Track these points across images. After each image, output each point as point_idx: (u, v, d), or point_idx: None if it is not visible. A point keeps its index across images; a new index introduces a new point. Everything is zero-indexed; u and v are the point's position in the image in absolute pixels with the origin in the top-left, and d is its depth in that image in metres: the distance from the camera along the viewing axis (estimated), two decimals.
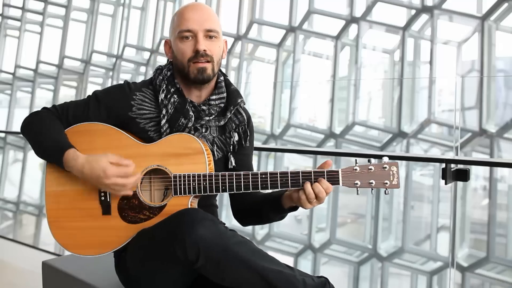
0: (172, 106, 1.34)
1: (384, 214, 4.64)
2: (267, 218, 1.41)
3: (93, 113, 1.36)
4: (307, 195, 1.22)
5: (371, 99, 5.40)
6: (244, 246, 1.17)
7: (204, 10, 1.36)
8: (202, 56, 1.32)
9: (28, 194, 5.53)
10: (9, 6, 5.90)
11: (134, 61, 5.52)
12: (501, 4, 3.95)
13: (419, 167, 4.97)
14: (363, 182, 1.24)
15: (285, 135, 5.00)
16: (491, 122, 4.15)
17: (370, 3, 4.61)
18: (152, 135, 1.35)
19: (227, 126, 1.42)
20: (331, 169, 1.25)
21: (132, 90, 1.38)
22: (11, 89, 5.83)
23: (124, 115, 1.36)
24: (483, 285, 4.22)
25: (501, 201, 4.30)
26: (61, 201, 1.33)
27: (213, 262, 1.13)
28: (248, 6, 5.09)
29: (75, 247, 1.32)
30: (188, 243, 1.11)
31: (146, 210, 1.28)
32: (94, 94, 1.40)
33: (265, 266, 1.15)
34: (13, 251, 3.36)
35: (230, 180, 1.25)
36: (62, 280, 1.53)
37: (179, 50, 1.35)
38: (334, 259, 4.78)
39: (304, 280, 1.17)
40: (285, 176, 1.24)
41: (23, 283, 2.76)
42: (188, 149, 1.28)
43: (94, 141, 1.32)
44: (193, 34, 1.33)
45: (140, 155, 1.29)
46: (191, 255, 1.12)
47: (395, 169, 1.24)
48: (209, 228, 1.14)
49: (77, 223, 1.31)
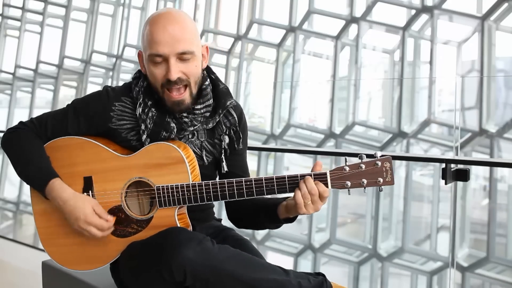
0: (151, 121, 1.26)
1: (384, 214, 4.64)
2: (262, 226, 1.37)
3: (71, 127, 1.30)
4: (303, 195, 1.15)
5: (371, 99, 5.40)
6: (233, 260, 1.14)
7: (175, 27, 1.20)
8: (176, 83, 1.21)
9: (28, 194, 5.51)
10: (9, 6, 5.90)
11: (134, 61, 5.52)
12: (501, 4, 3.96)
13: (419, 167, 4.97)
14: (354, 183, 1.15)
15: (285, 135, 5.00)
16: (491, 122, 4.15)
17: (370, 3, 4.61)
18: (134, 143, 1.30)
19: (217, 130, 1.34)
20: (319, 172, 1.16)
21: (111, 99, 1.29)
22: (11, 89, 5.83)
23: (104, 126, 1.29)
24: (483, 285, 4.22)
25: (501, 201, 4.30)
26: (51, 218, 1.31)
27: (202, 282, 1.12)
28: (248, 6, 5.09)
29: (70, 263, 1.31)
30: (173, 266, 1.10)
31: (134, 224, 1.26)
32: (72, 106, 1.33)
33: (257, 277, 1.13)
34: (13, 251, 3.36)
35: (214, 190, 1.20)
36: (62, 280, 1.53)
37: (151, 73, 1.24)
38: (334, 259, 4.78)
39: (300, 283, 1.15)
40: (270, 182, 1.18)
41: (23, 283, 2.75)
42: (168, 158, 1.23)
43: (73, 156, 1.29)
44: (164, 58, 1.20)
45: (121, 168, 1.26)
46: (178, 277, 1.11)
47: (388, 165, 1.14)
48: (194, 249, 1.11)
49: (67, 240, 1.30)
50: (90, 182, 1.28)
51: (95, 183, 1.28)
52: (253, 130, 5.69)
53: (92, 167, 1.29)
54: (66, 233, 1.31)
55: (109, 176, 1.27)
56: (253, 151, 4.81)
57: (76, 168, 1.28)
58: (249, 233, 4.86)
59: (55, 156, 1.30)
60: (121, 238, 1.27)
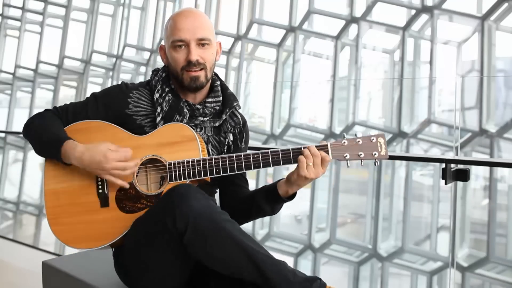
0: (167, 104, 1.38)
1: (384, 214, 4.64)
2: (258, 209, 1.40)
3: (91, 111, 1.41)
4: (306, 156, 1.26)
5: (371, 99, 5.40)
6: (234, 224, 1.18)
7: (196, 18, 1.39)
8: (194, 65, 1.37)
9: (28, 194, 5.53)
10: (9, 6, 5.90)
11: (134, 61, 5.52)
12: (501, 4, 3.96)
13: (419, 167, 4.97)
14: (352, 155, 1.28)
15: (285, 135, 5.00)
16: (491, 122, 4.15)
17: (370, 3, 4.61)
18: (148, 130, 1.39)
19: (222, 127, 1.45)
20: (321, 143, 1.30)
21: (129, 88, 1.43)
22: (11, 89, 5.83)
23: (121, 112, 1.39)
24: (483, 285, 4.22)
25: (501, 201, 4.30)
26: (60, 198, 1.36)
27: (201, 236, 1.14)
28: (248, 6, 5.09)
29: (75, 241, 1.34)
30: (177, 212, 1.14)
31: (144, 199, 1.31)
32: (92, 95, 1.45)
33: (254, 247, 1.16)
34: (13, 251, 3.36)
35: (223, 162, 1.29)
36: (62, 280, 1.54)
37: (172, 58, 1.39)
38: (334, 259, 4.78)
39: (295, 271, 1.18)
40: (276, 153, 1.29)
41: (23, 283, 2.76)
42: (181, 137, 1.32)
43: (91, 138, 1.36)
44: (185, 43, 1.37)
45: (135, 147, 1.32)
46: (180, 225, 1.14)
47: (382, 140, 1.29)
48: (200, 201, 1.16)
49: (76, 218, 1.34)
50: None
51: None
52: (253, 130, 5.69)
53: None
54: (74, 212, 1.36)
55: None
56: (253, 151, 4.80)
57: None
58: (249, 233, 4.86)
59: (75, 138, 1.36)
60: (130, 214, 1.32)
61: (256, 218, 1.49)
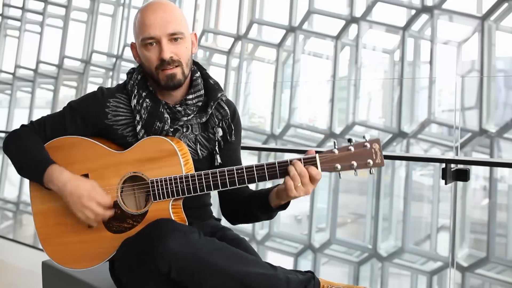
0: (145, 111, 1.30)
1: (384, 214, 4.64)
2: (254, 217, 1.37)
3: (69, 124, 1.34)
4: (292, 177, 1.15)
5: (371, 99, 5.40)
6: (219, 253, 1.14)
7: (165, 10, 1.28)
8: (169, 63, 1.26)
9: (28, 194, 5.51)
10: (9, 6, 5.90)
11: (134, 61, 5.51)
12: (501, 4, 3.96)
13: (419, 167, 4.97)
14: (344, 165, 1.15)
15: (285, 135, 5.00)
16: (491, 122, 4.15)
17: (370, 3, 4.61)
18: (130, 140, 1.32)
19: (210, 123, 1.37)
20: (308, 156, 1.17)
21: (105, 96, 1.33)
22: (11, 89, 5.83)
23: (100, 123, 1.32)
24: (483, 285, 4.22)
25: (501, 201, 4.30)
26: (48, 218, 1.33)
27: (186, 274, 1.11)
28: (248, 6, 5.09)
29: (68, 262, 1.32)
30: (157, 257, 1.10)
31: (129, 219, 1.26)
32: (68, 106, 1.37)
33: (243, 270, 1.13)
34: (13, 251, 3.36)
35: (207, 179, 1.22)
36: (62, 280, 1.53)
37: (145, 58, 1.29)
38: (334, 259, 4.78)
39: (288, 278, 1.15)
40: (261, 168, 1.20)
41: (23, 283, 2.75)
42: (161, 151, 1.25)
43: (70, 155, 1.31)
44: (156, 40, 1.26)
45: (115, 164, 1.28)
46: (163, 268, 1.11)
47: (377, 146, 1.15)
48: (177, 240, 1.11)
49: (65, 239, 1.31)
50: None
51: None
52: (253, 130, 5.69)
53: (89, 165, 1.30)
54: (63, 232, 1.32)
55: (105, 173, 1.29)
56: (253, 151, 4.81)
57: (73, 166, 1.30)
58: (249, 233, 4.86)
59: (53, 156, 1.31)
60: (118, 234, 1.28)
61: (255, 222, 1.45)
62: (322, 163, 1.16)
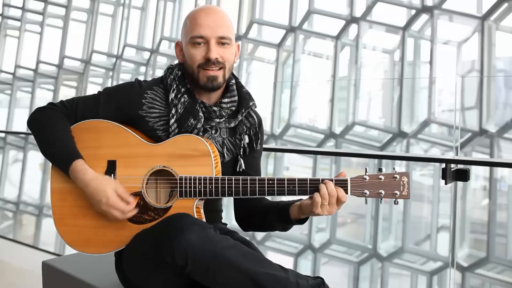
0: (182, 106, 1.32)
1: (384, 214, 4.64)
2: (270, 226, 1.39)
3: (102, 109, 1.35)
4: (322, 195, 1.19)
5: (371, 99, 5.40)
6: (234, 249, 1.16)
7: (217, 15, 1.34)
8: (213, 64, 1.30)
9: (28, 194, 5.52)
10: (9, 6, 5.90)
11: (134, 61, 5.52)
12: (501, 4, 3.95)
13: (419, 167, 4.97)
14: (372, 192, 1.21)
15: (285, 135, 5.00)
16: (491, 122, 4.15)
17: (370, 3, 4.61)
18: (160, 134, 1.33)
19: (238, 129, 1.41)
20: (340, 178, 1.21)
21: (143, 88, 1.36)
22: (11, 89, 5.83)
23: (134, 113, 1.34)
24: (483, 285, 4.22)
25: (501, 201, 4.30)
26: (66, 198, 1.33)
27: (202, 267, 1.13)
28: (248, 6, 5.08)
29: (80, 245, 1.32)
30: (175, 248, 1.11)
31: (151, 211, 1.27)
32: (104, 91, 1.38)
33: (256, 269, 1.14)
34: (13, 251, 3.36)
35: (237, 185, 1.23)
36: (62, 280, 1.53)
37: (190, 55, 1.32)
38: (334, 259, 4.78)
39: (298, 283, 1.16)
40: (292, 183, 1.22)
41: (23, 283, 2.76)
42: (195, 150, 1.26)
43: (100, 139, 1.31)
44: (205, 40, 1.30)
45: (146, 155, 1.28)
46: (179, 261, 1.12)
47: (406, 179, 1.21)
48: (197, 233, 1.13)
49: (80, 221, 1.31)
50: (114, 166, 1.31)
51: (118, 168, 1.31)
52: None
53: (118, 152, 1.31)
54: (79, 215, 1.33)
55: (133, 162, 1.30)
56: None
57: (102, 150, 1.32)
58: (249, 233, 4.86)
59: (82, 136, 1.32)
60: (136, 225, 1.29)
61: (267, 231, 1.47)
62: (353, 187, 1.22)
